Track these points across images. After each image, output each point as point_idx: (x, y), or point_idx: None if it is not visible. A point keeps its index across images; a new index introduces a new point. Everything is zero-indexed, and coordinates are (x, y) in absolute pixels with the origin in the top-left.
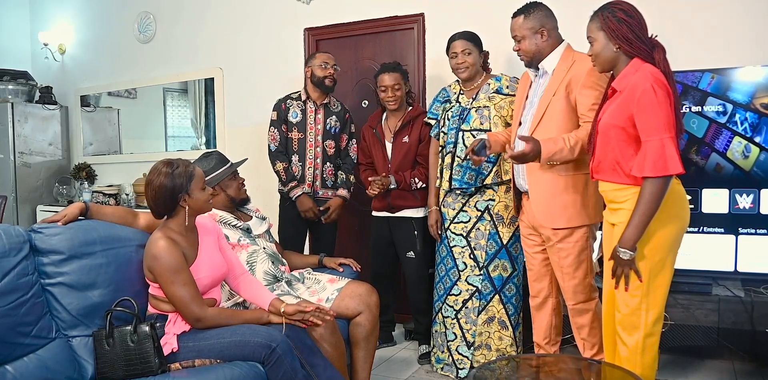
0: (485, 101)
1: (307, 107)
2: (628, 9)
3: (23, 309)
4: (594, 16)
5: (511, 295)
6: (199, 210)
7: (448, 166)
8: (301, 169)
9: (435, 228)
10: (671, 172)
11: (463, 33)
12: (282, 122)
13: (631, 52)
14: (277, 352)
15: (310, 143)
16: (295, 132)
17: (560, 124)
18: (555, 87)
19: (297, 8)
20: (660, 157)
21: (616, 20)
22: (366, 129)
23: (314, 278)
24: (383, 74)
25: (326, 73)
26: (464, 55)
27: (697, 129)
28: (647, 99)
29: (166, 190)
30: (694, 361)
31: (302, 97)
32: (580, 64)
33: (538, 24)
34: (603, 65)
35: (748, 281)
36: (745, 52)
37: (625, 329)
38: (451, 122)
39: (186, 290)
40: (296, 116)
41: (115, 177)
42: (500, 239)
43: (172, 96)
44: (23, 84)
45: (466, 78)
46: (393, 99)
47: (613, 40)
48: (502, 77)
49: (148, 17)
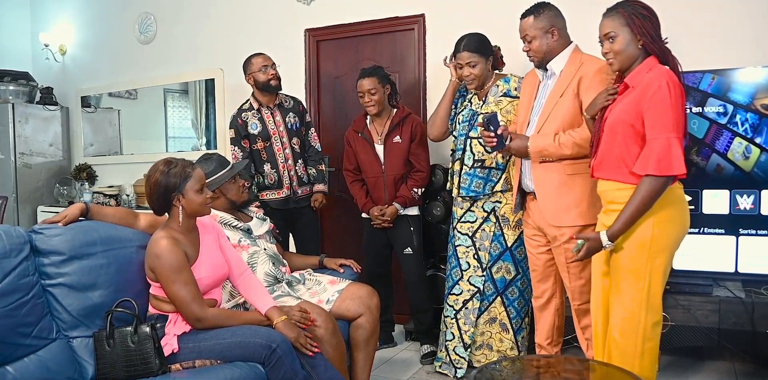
0: (493, 105)
1: (263, 114)
2: (648, 7)
3: (24, 309)
4: (614, 13)
5: (514, 298)
6: (193, 212)
7: (457, 172)
8: (277, 175)
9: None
10: (675, 172)
11: (469, 43)
12: (242, 138)
13: (653, 49)
14: (277, 353)
15: (278, 147)
16: (260, 142)
17: (565, 126)
18: (562, 88)
19: (297, 9)
20: (665, 156)
21: (641, 16)
22: (350, 134)
23: (315, 279)
24: (360, 80)
25: (269, 76)
26: (469, 67)
27: (698, 130)
28: (660, 96)
29: (160, 187)
30: (695, 362)
31: (254, 105)
32: (588, 66)
33: (548, 24)
34: (623, 62)
35: (748, 282)
36: (745, 53)
37: (624, 334)
38: (461, 127)
39: (187, 290)
40: (256, 127)
41: (116, 178)
42: (505, 241)
43: (173, 97)
44: (24, 85)
45: (475, 88)
46: (371, 103)
47: (638, 36)
48: (511, 78)
49: (148, 18)
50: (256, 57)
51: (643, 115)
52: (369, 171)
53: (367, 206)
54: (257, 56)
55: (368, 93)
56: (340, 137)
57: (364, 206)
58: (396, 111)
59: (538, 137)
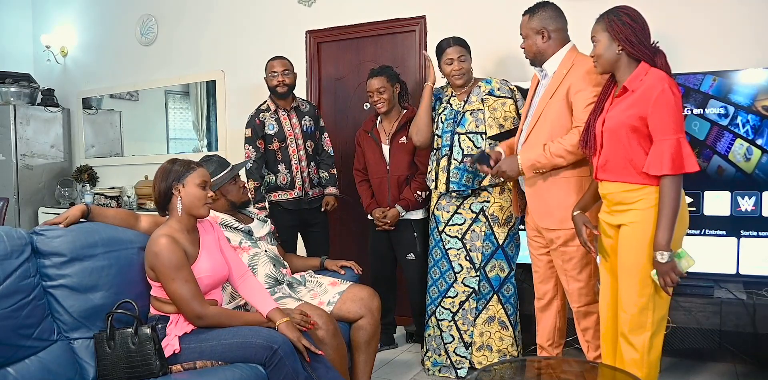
0: (478, 104)
1: (280, 115)
2: (633, 14)
3: (25, 311)
4: (600, 19)
5: (510, 295)
6: (190, 206)
7: (444, 168)
8: (290, 176)
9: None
10: (689, 169)
11: (456, 39)
12: (258, 138)
13: (633, 53)
14: (278, 354)
15: (293, 149)
16: (276, 142)
17: (554, 127)
18: (552, 90)
19: (298, 11)
20: (678, 156)
21: (620, 23)
22: (360, 133)
23: (316, 281)
24: (369, 79)
25: (276, 82)
26: (460, 61)
27: (699, 131)
28: (665, 99)
29: (164, 176)
30: (696, 364)
31: (271, 107)
32: (578, 67)
33: (539, 25)
34: (604, 66)
35: (750, 284)
36: (746, 55)
37: (632, 330)
38: (445, 125)
39: (187, 287)
40: (273, 128)
41: (117, 179)
42: (496, 239)
43: (174, 98)
44: (25, 86)
45: (462, 84)
46: (380, 102)
47: (616, 41)
48: (492, 80)
49: (150, 20)
50: (272, 61)
51: (648, 118)
52: (374, 171)
53: (370, 207)
54: (273, 60)
55: (377, 92)
56: (341, 138)
57: (368, 207)
58: (405, 112)
59: (527, 150)
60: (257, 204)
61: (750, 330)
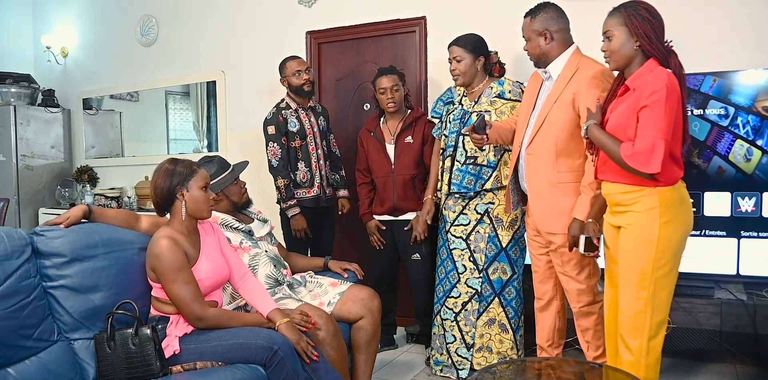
0: (487, 105)
1: (300, 114)
2: (652, 9)
3: (25, 311)
4: (615, 12)
5: (511, 298)
6: (195, 210)
7: (448, 169)
8: (309, 174)
9: (427, 219)
10: (648, 170)
11: (458, 39)
12: (281, 135)
13: (650, 50)
14: (278, 355)
15: (312, 147)
16: (297, 140)
17: (558, 133)
18: (557, 94)
19: (299, 11)
20: (646, 153)
21: (640, 18)
22: (363, 133)
23: (316, 281)
24: (381, 77)
25: (302, 81)
26: (455, 62)
27: (699, 132)
28: (657, 98)
29: (166, 180)
30: (697, 364)
31: (291, 105)
32: (583, 71)
33: (541, 27)
34: (618, 62)
35: (750, 284)
36: (747, 55)
37: (629, 333)
38: (453, 125)
39: (187, 289)
40: (295, 125)
41: (117, 180)
42: (499, 242)
43: (174, 99)
44: (26, 87)
45: (459, 85)
46: (392, 100)
47: (634, 36)
48: (505, 81)
49: (150, 20)
50: (291, 60)
51: (638, 115)
52: (378, 171)
53: (366, 217)
54: (292, 60)
55: (391, 89)
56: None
57: (364, 216)
58: (410, 111)
59: (579, 209)
60: (290, 201)
61: (750, 330)
